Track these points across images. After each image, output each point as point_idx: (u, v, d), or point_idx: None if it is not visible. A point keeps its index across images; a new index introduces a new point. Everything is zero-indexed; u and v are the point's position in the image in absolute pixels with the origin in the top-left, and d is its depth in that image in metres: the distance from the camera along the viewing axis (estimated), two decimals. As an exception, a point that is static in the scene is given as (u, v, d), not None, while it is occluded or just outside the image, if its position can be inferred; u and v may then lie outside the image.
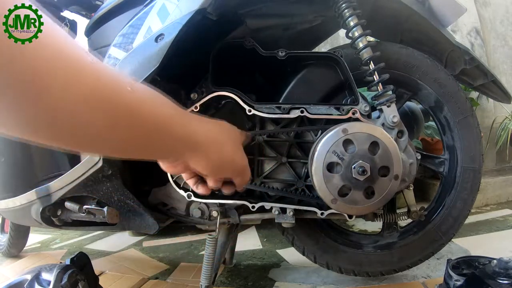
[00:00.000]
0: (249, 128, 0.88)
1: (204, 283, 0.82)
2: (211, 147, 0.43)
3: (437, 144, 1.87)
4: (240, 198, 0.84)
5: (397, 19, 0.96)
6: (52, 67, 0.28)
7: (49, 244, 1.79)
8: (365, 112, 0.80)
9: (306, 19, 0.95)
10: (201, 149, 0.42)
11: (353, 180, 0.71)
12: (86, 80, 0.30)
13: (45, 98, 0.28)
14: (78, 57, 0.30)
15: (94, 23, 0.93)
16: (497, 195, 1.93)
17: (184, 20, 0.69)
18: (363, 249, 0.98)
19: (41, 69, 0.27)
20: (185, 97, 0.85)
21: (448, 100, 0.94)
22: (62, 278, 0.73)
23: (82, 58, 0.31)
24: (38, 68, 0.27)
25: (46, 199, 0.87)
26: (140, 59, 0.71)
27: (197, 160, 0.42)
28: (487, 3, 2.38)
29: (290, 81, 0.88)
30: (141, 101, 0.36)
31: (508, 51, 2.40)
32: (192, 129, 0.41)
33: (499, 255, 0.69)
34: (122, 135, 0.35)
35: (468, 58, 0.93)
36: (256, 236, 1.60)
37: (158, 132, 0.38)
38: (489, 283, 0.64)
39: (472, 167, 0.94)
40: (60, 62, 0.28)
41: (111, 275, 1.25)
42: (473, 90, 1.40)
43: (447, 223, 0.95)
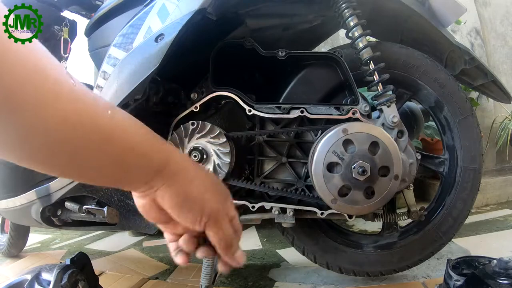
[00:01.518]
0: (249, 128, 0.89)
1: (204, 283, 0.82)
2: (180, 177, 0.40)
3: (437, 144, 1.87)
4: (240, 198, 0.84)
5: (397, 19, 0.96)
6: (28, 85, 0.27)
7: (49, 244, 1.79)
8: (365, 112, 0.80)
9: (306, 19, 0.95)
10: (170, 176, 0.39)
11: (353, 180, 0.71)
12: (65, 100, 0.30)
13: (19, 115, 0.27)
14: (59, 78, 0.30)
15: (94, 23, 0.93)
16: (497, 195, 1.93)
17: (184, 20, 0.69)
18: (363, 249, 0.98)
19: (16, 85, 0.26)
20: (185, 97, 0.85)
21: (448, 100, 0.94)
22: (62, 278, 0.73)
23: (63, 79, 0.30)
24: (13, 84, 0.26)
25: (46, 199, 0.87)
26: (140, 59, 0.71)
27: (164, 190, 0.39)
28: (487, 3, 2.38)
29: (290, 81, 0.88)
30: (119, 126, 0.36)
31: (508, 51, 2.40)
32: (165, 155, 0.40)
33: (499, 255, 0.69)
34: (97, 159, 0.34)
35: (468, 58, 0.93)
36: (256, 236, 1.60)
37: (133, 157, 0.37)
38: (489, 283, 0.63)
39: (472, 167, 0.94)
40: (37, 81, 0.28)
41: (111, 275, 1.25)
42: (473, 90, 1.40)
43: (447, 223, 0.95)
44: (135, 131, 0.38)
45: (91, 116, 0.32)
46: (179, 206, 0.39)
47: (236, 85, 0.83)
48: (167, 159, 0.39)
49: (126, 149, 0.36)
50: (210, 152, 0.78)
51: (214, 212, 0.41)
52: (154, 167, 0.38)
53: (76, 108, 0.31)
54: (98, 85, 0.75)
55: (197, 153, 0.77)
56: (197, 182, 0.41)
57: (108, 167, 0.36)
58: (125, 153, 0.36)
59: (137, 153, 0.37)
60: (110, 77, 0.74)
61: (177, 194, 0.39)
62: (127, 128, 0.37)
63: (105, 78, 0.74)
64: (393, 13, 0.94)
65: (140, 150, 0.38)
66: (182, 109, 0.83)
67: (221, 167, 0.78)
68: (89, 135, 0.32)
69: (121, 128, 0.36)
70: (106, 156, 0.35)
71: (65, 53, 1.24)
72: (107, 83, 0.74)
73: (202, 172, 0.43)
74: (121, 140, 0.35)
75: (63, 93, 0.30)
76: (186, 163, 0.42)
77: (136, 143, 0.37)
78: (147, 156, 0.38)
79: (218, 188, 0.43)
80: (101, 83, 0.75)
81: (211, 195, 0.41)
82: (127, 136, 0.36)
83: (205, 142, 0.78)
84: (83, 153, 0.33)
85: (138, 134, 0.38)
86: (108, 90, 0.73)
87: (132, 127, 0.38)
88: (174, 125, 0.82)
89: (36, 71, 0.28)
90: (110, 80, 0.73)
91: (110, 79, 0.73)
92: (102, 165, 0.35)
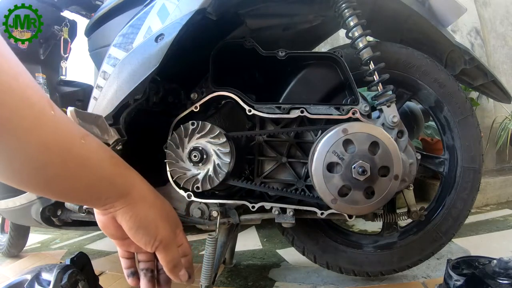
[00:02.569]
0: (249, 128, 0.89)
1: (204, 283, 0.82)
2: (140, 203, 0.45)
3: (437, 144, 1.87)
4: (240, 198, 0.84)
5: (397, 19, 0.96)
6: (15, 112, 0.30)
7: (49, 244, 1.79)
8: (365, 112, 0.80)
9: (306, 19, 0.95)
10: (132, 201, 0.44)
11: (353, 180, 0.71)
12: (46, 129, 0.33)
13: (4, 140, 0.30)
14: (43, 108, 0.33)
15: (94, 23, 0.93)
16: (497, 195, 1.93)
17: (184, 20, 0.69)
18: (363, 249, 0.98)
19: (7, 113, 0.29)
20: (185, 97, 0.85)
21: (448, 100, 0.94)
22: (62, 278, 0.73)
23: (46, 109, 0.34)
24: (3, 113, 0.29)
25: (46, 199, 0.87)
26: (140, 59, 0.71)
27: (125, 211, 0.44)
28: (487, 3, 2.38)
29: (290, 81, 0.88)
30: (91, 151, 0.40)
31: (508, 51, 2.40)
32: (130, 182, 0.45)
33: (499, 255, 0.69)
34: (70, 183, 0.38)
35: (468, 58, 0.93)
36: (256, 236, 1.60)
37: (102, 183, 0.41)
38: (489, 283, 0.63)
39: (472, 167, 0.94)
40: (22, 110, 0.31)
41: (111, 275, 1.25)
42: (473, 90, 1.40)
43: (447, 223, 0.95)
44: (107, 159, 0.43)
45: (68, 145, 0.36)
46: (135, 228, 0.45)
47: (236, 85, 0.83)
48: (132, 186, 0.45)
49: (97, 176, 0.40)
50: (210, 152, 0.78)
51: (165, 239, 0.47)
52: (120, 192, 0.44)
53: (55, 137, 0.34)
54: (98, 85, 0.75)
55: (197, 153, 0.77)
56: (153, 210, 0.46)
57: (79, 190, 0.40)
58: (97, 179, 0.41)
59: (107, 180, 0.42)
60: (110, 77, 0.74)
61: (135, 217, 0.44)
62: (99, 156, 0.41)
63: (105, 78, 0.74)
64: (393, 13, 0.94)
65: (110, 177, 0.42)
66: (182, 109, 0.83)
67: (221, 167, 0.78)
68: (65, 162, 0.36)
69: (95, 156, 0.40)
70: (79, 181, 0.39)
71: (65, 53, 1.24)
72: (107, 83, 0.74)
73: (159, 201, 0.49)
74: (93, 168, 0.40)
75: (45, 122, 0.33)
76: (146, 192, 0.47)
77: (107, 170, 0.42)
78: (115, 183, 0.43)
79: (171, 217, 0.50)
80: (101, 83, 0.75)
81: (165, 223, 0.47)
82: (99, 163, 0.41)
83: (205, 142, 0.78)
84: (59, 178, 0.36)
85: (109, 162, 0.43)
86: (108, 90, 0.73)
87: (103, 155, 0.42)
88: (174, 125, 0.82)
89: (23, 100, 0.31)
90: (110, 80, 0.73)
91: (110, 79, 0.73)
92: (75, 188, 0.39)
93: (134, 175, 0.47)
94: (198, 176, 0.79)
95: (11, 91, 0.29)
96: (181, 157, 0.79)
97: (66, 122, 0.37)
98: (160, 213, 0.48)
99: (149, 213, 0.46)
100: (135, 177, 0.47)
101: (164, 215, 0.48)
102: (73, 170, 0.37)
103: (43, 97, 0.34)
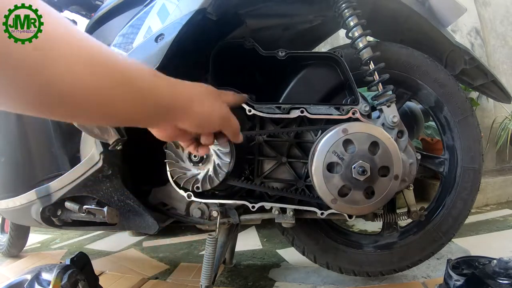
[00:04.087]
0: (249, 128, 0.89)
1: (204, 283, 0.82)
2: (193, 104, 0.50)
3: (437, 144, 1.87)
4: (240, 198, 0.84)
5: (397, 19, 0.96)
6: (56, 42, 0.32)
7: (49, 244, 1.79)
8: (365, 112, 0.80)
9: (306, 19, 0.95)
10: (186, 107, 0.49)
11: (353, 180, 0.71)
12: (85, 49, 0.35)
13: (51, 68, 0.31)
14: (76, 31, 0.35)
15: (94, 23, 0.93)
16: (497, 195, 1.93)
17: (184, 20, 0.69)
18: (363, 249, 0.98)
19: (46, 43, 0.31)
20: (185, 97, 0.85)
21: (448, 100, 0.94)
22: (62, 278, 0.73)
23: (79, 32, 0.35)
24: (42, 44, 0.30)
25: (46, 199, 0.87)
26: (140, 59, 0.71)
27: (184, 118, 0.49)
28: (487, 3, 2.38)
29: (290, 81, 0.88)
30: (134, 69, 0.42)
31: (508, 51, 2.40)
32: (178, 91, 0.49)
33: (499, 255, 0.69)
34: (119, 99, 0.40)
35: (468, 58, 0.93)
36: (256, 236, 1.60)
37: (150, 96, 0.44)
38: (489, 283, 0.64)
39: (472, 167, 0.94)
40: (63, 37, 0.33)
41: (111, 275, 1.25)
42: (473, 90, 1.40)
43: (447, 223, 0.95)
44: (165, 86, 0.47)
45: (109, 58, 0.38)
46: (200, 124, 0.52)
47: (236, 85, 0.83)
48: (190, 100, 0.50)
49: (148, 88, 0.43)
50: (210, 152, 0.78)
51: (222, 117, 0.55)
52: (180, 109, 0.49)
53: (95, 53, 0.36)
54: (98, 85, 0.75)
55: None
56: (206, 103, 0.52)
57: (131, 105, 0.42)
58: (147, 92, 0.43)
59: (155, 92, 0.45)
60: (110, 77, 0.74)
61: (196, 117, 0.51)
62: (162, 87, 0.46)
63: (105, 78, 0.74)
64: (393, 13, 0.94)
65: (170, 101, 0.47)
66: (182, 109, 0.83)
67: (221, 167, 0.78)
68: (111, 76, 0.38)
69: (136, 70, 0.42)
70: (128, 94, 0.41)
71: (65, 53, 1.24)
72: (107, 83, 0.73)
73: (205, 91, 0.54)
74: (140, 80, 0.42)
75: (83, 42, 0.35)
76: (194, 92, 0.52)
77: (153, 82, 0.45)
78: (175, 106, 0.48)
79: (217, 99, 0.56)
80: (101, 83, 0.74)
81: (217, 106, 0.54)
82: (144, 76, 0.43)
83: (205, 142, 0.78)
84: (107, 91, 0.38)
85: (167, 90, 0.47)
86: (108, 90, 0.73)
87: (145, 69, 0.44)
88: (174, 125, 0.82)
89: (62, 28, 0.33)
90: (110, 80, 0.73)
91: (110, 79, 0.73)
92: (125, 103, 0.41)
93: (178, 83, 0.50)
94: (198, 176, 0.79)
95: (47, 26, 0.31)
96: (181, 157, 0.79)
97: (102, 44, 0.39)
98: (210, 101, 0.53)
99: (203, 107, 0.51)
100: (179, 85, 0.50)
101: (213, 100, 0.54)
102: (120, 86, 0.39)
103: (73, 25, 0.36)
